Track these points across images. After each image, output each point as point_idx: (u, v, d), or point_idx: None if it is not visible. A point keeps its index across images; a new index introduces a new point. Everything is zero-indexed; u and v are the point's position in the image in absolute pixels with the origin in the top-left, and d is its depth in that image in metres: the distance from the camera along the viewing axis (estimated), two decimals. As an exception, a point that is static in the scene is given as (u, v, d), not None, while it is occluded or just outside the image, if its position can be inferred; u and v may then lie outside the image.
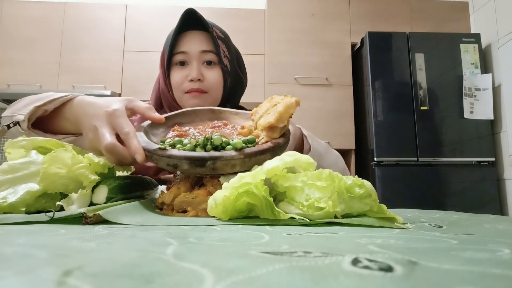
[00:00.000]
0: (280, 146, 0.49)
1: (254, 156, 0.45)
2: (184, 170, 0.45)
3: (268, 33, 2.53)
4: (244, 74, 0.87)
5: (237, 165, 0.45)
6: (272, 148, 0.47)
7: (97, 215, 0.34)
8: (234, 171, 0.45)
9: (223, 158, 0.44)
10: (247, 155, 0.45)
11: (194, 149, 0.46)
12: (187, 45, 0.77)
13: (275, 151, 0.48)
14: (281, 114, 0.47)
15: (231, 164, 0.44)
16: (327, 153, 0.76)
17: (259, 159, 0.46)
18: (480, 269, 0.15)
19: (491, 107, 2.25)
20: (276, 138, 0.50)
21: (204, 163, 0.43)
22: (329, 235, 0.26)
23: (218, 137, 0.47)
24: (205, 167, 0.44)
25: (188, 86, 0.77)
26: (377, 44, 2.32)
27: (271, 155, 0.47)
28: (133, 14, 2.61)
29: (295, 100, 0.48)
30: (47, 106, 0.59)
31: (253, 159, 0.45)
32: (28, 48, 2.51)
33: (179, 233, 0.27)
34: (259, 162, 0.46)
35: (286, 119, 0.48)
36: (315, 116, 2.41)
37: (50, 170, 0.41)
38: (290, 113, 0.48)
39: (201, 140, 0.46)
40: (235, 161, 0.44)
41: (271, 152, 0.47)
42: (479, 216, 0.48)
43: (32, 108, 0.58)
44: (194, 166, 0.44)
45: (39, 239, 0.22)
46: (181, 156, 0.43)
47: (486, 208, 2.12)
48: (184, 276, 0.13)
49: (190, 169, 0.44)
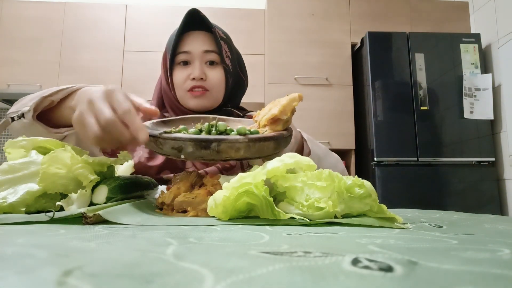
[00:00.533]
0: (284, 137, 0.50)
1: (258, 141, 0.46)
2: (189, 153, 0.44)
3: (268, 33, 2.53)
4: (245, 75, 0.88)
5: (241, 149, 0.45)
6: (276, 137, 0.48)
7: (97, 215, 0.34)
8: (238, 155, 0.45)
9: (228, 140, 0.44)
10: (251, 140, 0.45)
11: (199, 133, 0.47)
12: (190, 45, 0.78)
13: (278, 141, 0.48)
14: (285, 106, 0.50)
15: (235, 147, 0.44)
16: (326, 156, 0.76)
17: (263, 145, 0.46)
18: (480, 269, 0.15)
19: (491, 107, 2.25)
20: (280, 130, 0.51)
21: (209, 145, 0.43)
22: (329, 235, 0.26)
23: (222, 123, 0.48)
24: (210, 149, 0.43)
25: (191, 84, 0.77)
26: (377, 44, 2.32)
27: (274, 144, 0.48)
28: (133, 14, 2.60)
29: (298, 95, 0.50)
30: (53, 97, 0.59)
31: (257, 144, 0.46)
32: (28, 48, 2.51)
33: (179, 233, 0.27)
34: (262, 149, 0.46)
35: (289, 111, 0.50)
36: (315, 116, 2.41)
37: (49, 170, 0.41)
38: (293, 106, 0.50)
39: (206, 126, 0.48)
40: (239, 144, 0.44)
41: (274, 141, 0.48)
42: (479, 216, 0.48)
43: (39, 98, 0.57)
44: (199, 147, 0.43)
45: (39, 239, 0.22)
46: (187, 138, 0.44)
47: (486, 208, 2.12)
48: (184, 276, 0.13)
49: (195, 151, 0.44)
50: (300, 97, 0.50)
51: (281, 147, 0.50)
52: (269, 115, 0.50)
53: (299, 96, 0.50)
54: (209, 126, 0.48)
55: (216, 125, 0.48)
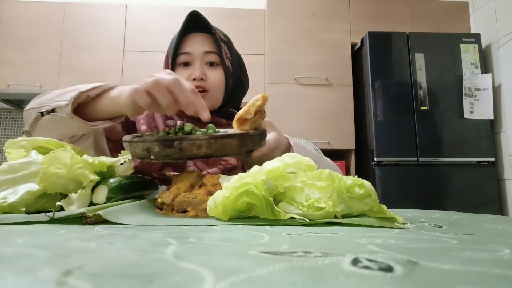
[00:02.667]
0: (249, 135, 0.52)
1: (220, 138, 0.48)
2: (156, 153, 0.48)
3: (268, 33, 2.52)
4: (246, 77, 0.89)
5: (203, 146, 0.47)
6: (239, 135, 0.50)
7: (97, 215, 0.34)
8: (201, 152, 0.48)
9: (189, 138, 0.47)
10: (212, 137, 0.48)
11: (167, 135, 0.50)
12: (190, 46, 0.79)
13: (243, 139, 0.51)
14: (249, 106, 0.53)
15: (196, 144, 0.47)
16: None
17: (225, 142, 0.49)
18: (480, 269, 0.15)
19: (491, 107, 2.25)
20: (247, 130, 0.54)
21: (172, 144, 0.47)
22: (329, 235, 0.26)
23: (188, 124, 0.52)
24: (173, 147, 0.47)
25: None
26: (377, 44, 2.32)
27: (238, 141, 0.50)
28: (133, 14, 2.60)
29: (262, 95, 0.54)
30: (90, 92, 0.59)
31: (219, 141, 0.48)
32: (28, 48, 2.51)
33: (179, 233, 0.27)
34: (225, 146, 0.49)
35: (253, 111, 0.53)
36: (315, 116, 2.41)
37: (49, 170, 0.41)
38: (257, 106, 0.53)
39: (173, 129, 0.52)
40: (200, 141, 0.47)
41: (238, 139, 0.50)
42: (479, 216, 0.48)
43: (77, 93, 0.58)
44: (164, 147, 0.47)
45: (39, 239, 0.22)
46: (153, 139, 0.48)
47: (486, 208, 2.12)
48: (184, 276, 0.13)
49: (161, 150, 0.48)
50: (264, 97, 0.53)
51: (247, 145, 0.52)
52: (237, 116, 0.54)
53: (263, 96, 0.53)
54: (175, 129, 0.52)
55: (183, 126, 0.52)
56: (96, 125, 0.61)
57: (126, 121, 0.78)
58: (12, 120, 2.80)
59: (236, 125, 0.54)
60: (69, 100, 0.57)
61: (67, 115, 0.58)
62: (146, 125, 0.79)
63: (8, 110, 2.80)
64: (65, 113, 0.58)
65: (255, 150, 0.55)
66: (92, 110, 0.62)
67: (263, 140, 0.56)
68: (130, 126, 0.79)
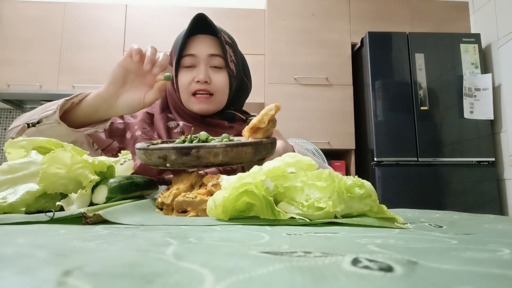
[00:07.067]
0: (262, 143, 0.53)
1: (236, 147, 0.49)
2: (173, 161, 0.49)
3: (268, 33, 2.52)
4: (249, 79, 0.89)
5: (220, 154, 0.48)
6: (254, 143, 0.51)
7: (97, 215, 0.34)
8: (217, 160, 0.49)
9: (206, 147, 0.48)
10: (228, 145, 0.49)
11: (183, 143, 0.52)
12: (196, 48, 0.79)
13: (257, 147, 0.52)
14: (262, 115, 0.54)
15: (213, 152, 0.48)
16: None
17: (241, 150, 0.50)
18: (480, 269, 0.15)
19: (491, 107, 2.25)
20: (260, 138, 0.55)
21: (189, 152, 0.48)
22: (329, 235, 0.26)
23: (204, 133, 0.54)
24: (190, 155, 0.48)
25: (195, 87, 0.78)
26: (377, 44, 2.31)
27: (253, 149, 0.51)
28: (133, 14, 2.60)
29: (275, 105, 0.55)
30: (74, 99, 0.65)
31: (235, 149, 0.49)
32: (28, 48, 2.51)
33: (179, 233, 0.27)
34: (241, 154, 0.49)
35: (266, 120, 0.54)
36: (315, 116, 2.41)
37: (49, 170, 0.41)
38: (270, 115, 0.54)
39: (189, 137, 0.53)
40: (217, 149, 0.48)
41: (253, 147, 0.51)
42: (479, 216, 0.48)
43: (63, 101, 0.63)
44: (181, 154, 0.48)
45: (39, 239, 0.22)
46: (170, 147, 0.49)
47: (486, 208, 2.12)
48: (184, 276, 0.13)
49: (178, 158, 0.48)
50: (277, 106, 0.54)
51: (261, 153, 0.53)
52: (250, 124, 0.55)
53: (276, 106, 0.54)
54: (191, 137, 0.53)
55: (198, 136, 0.54)
56: (81, 131, 0.66)
57: (111, 129, 0.79)
58: (12, 120, 2.80)
59: (249, 133, 0.55)
60: (56, 107, 0.62)
61: (55, 121, 0.62)
62: (141, 131, 0.78)
63: (8, 110, 2.80)
64: (53, 120, 0.62)
65: (266, 158, 0.55)
66: (77, 114, 0.67)
67: (274, 148, 0.57)
68: (116, 134, 0.79)
